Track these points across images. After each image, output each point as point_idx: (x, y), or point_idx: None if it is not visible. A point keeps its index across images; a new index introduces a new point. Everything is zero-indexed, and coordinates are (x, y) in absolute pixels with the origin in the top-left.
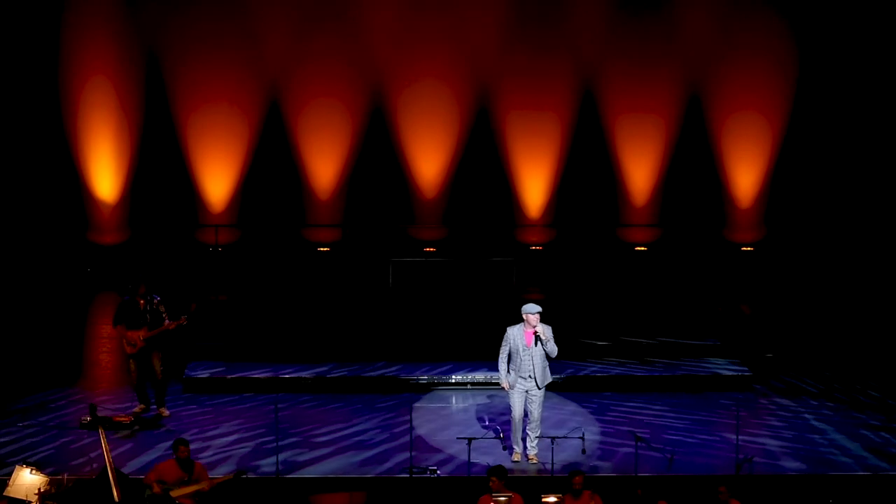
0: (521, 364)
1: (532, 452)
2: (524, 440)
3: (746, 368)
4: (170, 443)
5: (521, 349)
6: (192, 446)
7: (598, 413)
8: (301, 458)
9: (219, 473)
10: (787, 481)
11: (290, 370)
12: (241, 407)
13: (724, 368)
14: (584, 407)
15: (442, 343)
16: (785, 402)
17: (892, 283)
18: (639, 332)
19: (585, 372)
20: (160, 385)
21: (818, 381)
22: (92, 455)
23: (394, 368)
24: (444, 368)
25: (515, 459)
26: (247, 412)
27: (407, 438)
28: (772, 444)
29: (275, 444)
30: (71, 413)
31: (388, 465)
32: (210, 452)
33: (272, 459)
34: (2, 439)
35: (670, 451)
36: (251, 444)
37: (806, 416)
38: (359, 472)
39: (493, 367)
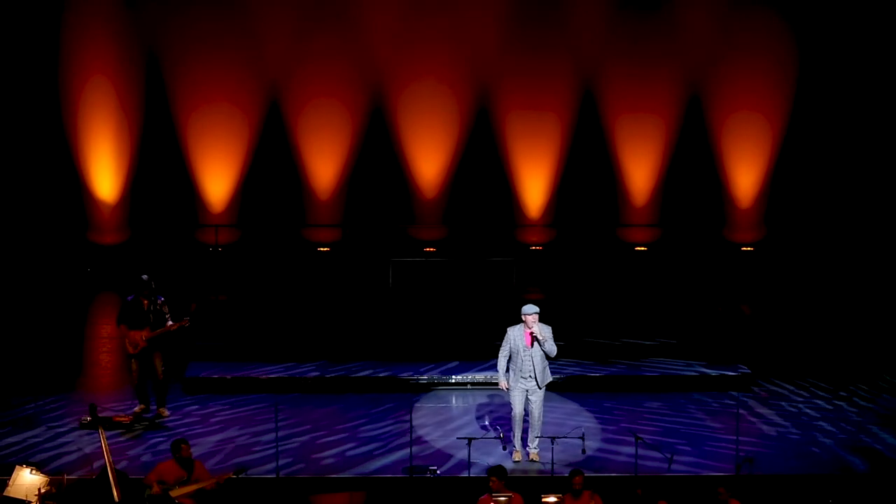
0: (521, 364)
1: (533, 451)
2: (525, 440)
3: (746, 368)
4: (170, 443)
5: (521, 349)
6: (196, 447)
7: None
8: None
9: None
10: (787, 481)
11: (290, 370)
12: (240, 407)
13: (723, 369)
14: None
15: (442, 343)
16: (785, 401)
17: (892, 283)
18: (637, 332)
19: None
20: (161, 385)
21: (818, 381)
22: (91, 454)
23: (394, 368)
24: (445, 368)
25: (516, 459)
26: (246, 413)
27: (407, 438)
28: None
29: (276, 446)
30: (71, 413)
31: (388, 464)
32: (215, 454)
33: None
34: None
35: (668, 453)
36: (250, 445)
37: (810, 412)
38: (357, 472)
39: (494, 367)
